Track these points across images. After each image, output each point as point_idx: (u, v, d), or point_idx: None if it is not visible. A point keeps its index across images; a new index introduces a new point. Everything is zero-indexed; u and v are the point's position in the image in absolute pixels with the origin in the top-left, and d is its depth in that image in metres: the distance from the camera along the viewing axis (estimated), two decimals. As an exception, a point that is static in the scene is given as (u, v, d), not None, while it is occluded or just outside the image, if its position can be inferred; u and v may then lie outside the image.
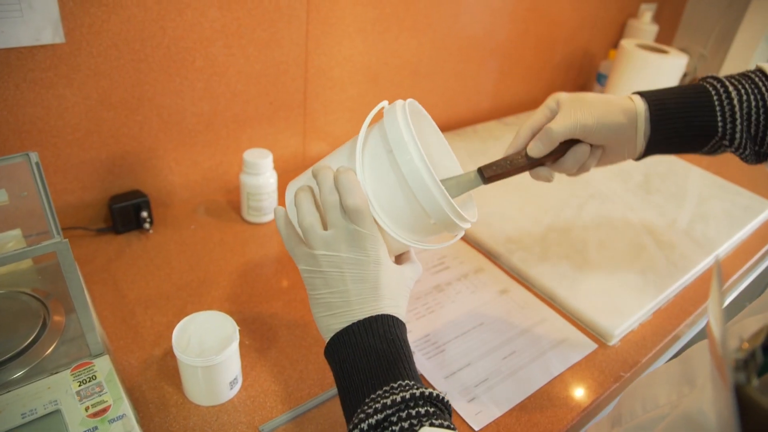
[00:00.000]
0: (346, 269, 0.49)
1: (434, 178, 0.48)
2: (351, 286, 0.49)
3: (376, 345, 0.47)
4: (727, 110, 0.57)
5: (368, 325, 0.48)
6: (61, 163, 0.78)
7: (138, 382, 0.61)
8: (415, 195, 0.49)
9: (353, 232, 0.48)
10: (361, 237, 0.48)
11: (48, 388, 0.53)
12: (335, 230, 0.49)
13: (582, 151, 0.60)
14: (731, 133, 0.58)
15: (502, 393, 0.65)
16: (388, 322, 0.48)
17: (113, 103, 0.77)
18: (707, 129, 0.59)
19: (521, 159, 0.60)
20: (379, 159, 0.50)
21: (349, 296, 0.49)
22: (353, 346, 0.47)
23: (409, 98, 0.55)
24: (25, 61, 0.68)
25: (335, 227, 0.49)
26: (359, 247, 0.49)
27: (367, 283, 0.49)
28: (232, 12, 0.81)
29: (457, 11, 1.11)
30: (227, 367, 0.58)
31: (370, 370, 0.46)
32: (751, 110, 0.57)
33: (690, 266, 0.88)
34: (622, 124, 0.59)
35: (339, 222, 0.49)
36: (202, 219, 0.89)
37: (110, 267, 0.77)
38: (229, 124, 0.90)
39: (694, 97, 0.59)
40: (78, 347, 0.58)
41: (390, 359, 0.46)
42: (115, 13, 0.72)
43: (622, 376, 0.69)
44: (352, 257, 0.49)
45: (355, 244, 0.49)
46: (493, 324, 0.74)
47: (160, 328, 0.68)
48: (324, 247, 0.49)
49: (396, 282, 0.51)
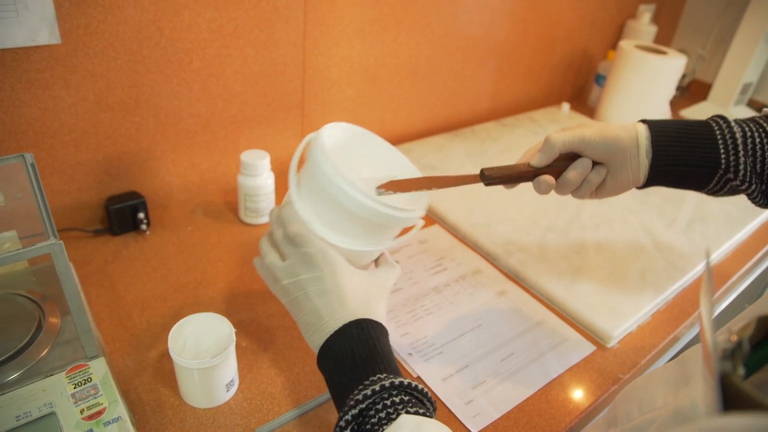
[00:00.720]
0: (309, 288, 0.53)
1: (350, 182, 0.53)
2: (317, 302, 0.53)
3: (352, 348, 0.50)
4: (730, 143, 0.57)
5: (342, 333, 0.51)
6: (57, 164, 0.77)
7: (134, 385, 0.61)
8: (342, 203, 0.54)
9: (304, 254, 0.54)
10: (312, 256, 0.54)
11: (43, 391, 0.53)
12: (290, 259, 0.55)
13: (583, 164, 0.61)
14: (735, 166, 0.57)
15: (500, 395, 0.64)
16: (360, 326, 0.51)
17: (110, 104, 0.77)
18: (710, 160, 0.58)
19: (524, 167, 0.62)
20: (312, 181, 0.56)
21: (319, 311, 0.53)
22: (334, 355, 0.50)
23: (343, 122, 0.62)
24: (20, 62, 0.68)
25: (290, 256, 0.55)
26: (313, 265, 0.54)
27: (330, 295, 0.53)
28: (229, 13, 0.81)
29: (455, 11, 1.11)
30: (224, 370, 0.58)
31: (350, 372, 0.49)
32: (756, 146, 0.57)
33: (689, 267, 0.87)
34: (622, 138, 0.59)
35: (290, 251, 0.55)
36: (199, 220, 0.88)
37: (107, 268, 0.76)
38: (227, 125, 0.90)
39: (697, 128, 0.59)
40: (73, 349, 0.58)
41: (365, 358, 0.49)
42: (112, 13, 0.71)
43: (621, 378, 0.69)
44: (310, 276, 0.54)
45: (309, 264, 0.54)
46: (491, 326, 0.74)
47: (157, 330, 0.68)
48: (286, 276, 0.55)
49: (364, 286, 0.55)
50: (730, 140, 0.57)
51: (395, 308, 0.75)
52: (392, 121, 1.15)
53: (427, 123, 1.23)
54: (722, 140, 0.58)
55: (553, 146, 0.60)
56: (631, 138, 0.59)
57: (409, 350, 0.69)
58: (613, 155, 0.60)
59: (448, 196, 0.99)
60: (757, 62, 1.45)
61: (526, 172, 0.61)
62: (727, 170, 0.58)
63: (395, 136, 1.18)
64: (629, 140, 0.59)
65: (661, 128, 0.60)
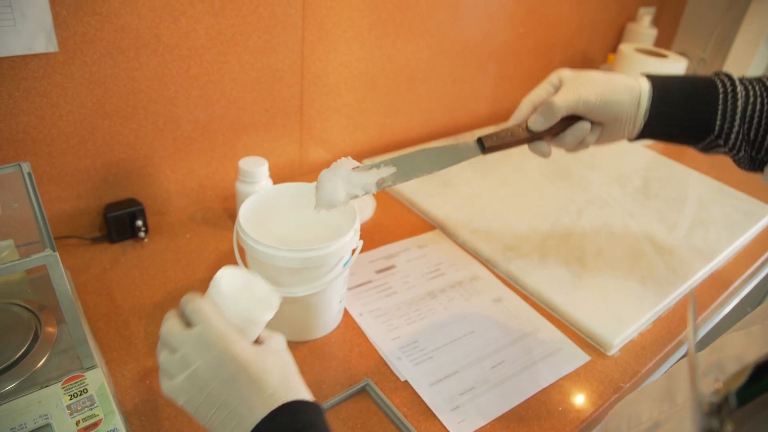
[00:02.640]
0: (209, 378, 0.43)
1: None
2: (225, 393, 0.43)
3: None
4: (729, 110, 0.57)
5: (269, 424, 0.42)
6: (55, 172, 0.77)
7: (131, 395, 0.60)
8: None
9: (196, 336, 0.44)
10: (205, 334, 0.44)
11: (38, 402, 0.53)
12: (183, 347, 0.44)
13: (582, 128, 0.60)
14: (727, 134, 0.57)
15: (487, 402, 0.64)
16: (290, 411, 0.43)
17: (108, 111, 0.77)
18: (705, 125, 0.58)
19: (521, 132, 0.61)
20: None
21: (230, 404, 0.43)
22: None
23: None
24: (18, 70, 0.68)
25: (182, 345, 0.44)
26: (209, 345, 0.43)
27: (239, 380, 0.43)
28: (227, 19, 0.81)
29: (454, 15, 1.11)
30: None
31: None
32: (755, 113, 0.56)
33: (690, 273, 0.87)
34: (624, 102, 0.58)
35: (183, 338, 0.44)
36: (197, 227, 0.88)
37: (105, 276, 0.76)
38: (225, 131, 0.90)
39: (702, 89, 0.58)
40: (70, 359, 0.57)
41: None
42: (109, 21, 0.71)
43: (622, 387, 0.68)
44: (206, 362, 0.43)
45: (204, 345, 0.44)
46: (484, 332, 0.73)
47: (155, 339, 0.67)
48: (180, 369, 0.44)
49: (272, 363, 0.45)
50: (731, 107, 0.56)
51: (388, 311, 0.75)
52: (391, 126, 1.15)
53: (426, 128, 1.22)
54: (722, 107, 0.57)
55: (555, 112, 0.59)
56: (633, 100, 0.59)
57: (398, 354, 0.68)
58: (613, 118, 0.60)
59: (448, 202, 0.98)
60: (758, 65, 1.45)
61: (524, 138, 0.61)
62: (719, 137, 0.58)
63: (394, 142, 1.17)
64: (631, 104, 0.59)
65: (665, 89, 0.59)
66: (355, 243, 0.65)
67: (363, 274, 0.81)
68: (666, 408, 0.46)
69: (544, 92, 0.61)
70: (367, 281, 0.80)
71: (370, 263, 0.84)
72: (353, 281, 0.79)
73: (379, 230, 0.92)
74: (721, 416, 0.30)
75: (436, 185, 1.03)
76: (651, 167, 1.21)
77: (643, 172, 1.18)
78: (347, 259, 0.65)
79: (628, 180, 1.13)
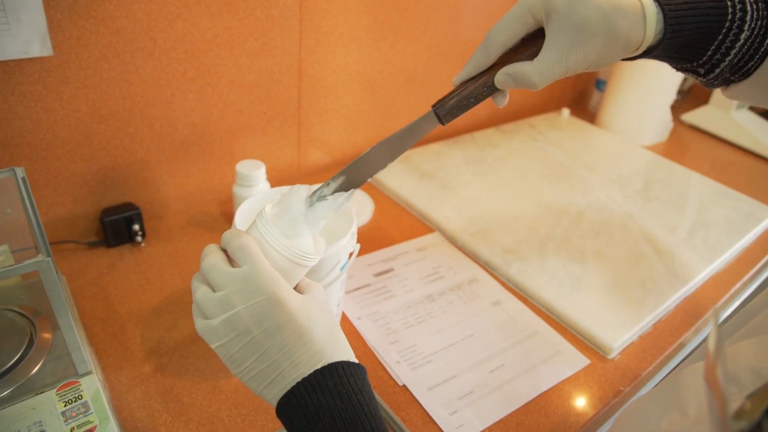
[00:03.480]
0: (252, 324, 0.40)
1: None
2: (267, 343, 0.40)
3: (329, 404, 0.39)
4: (727, 44, 0.47)
5: (312, 383, 0.40)
6: (51, 177, 0.77)
7: (127, 401, 0.60)
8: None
9: (242, 276, 0.41)
10: (251, 276, 0.41)
11: (33, 409, 0.52)
12: (226, 287, 0.41)
13: None
14: (714, 66, 0.48)
15: (486, 406, 0.63)
16: (337, 372, 0.40)
17: (104, 115, 0.76)
18: (694, 54, 0.48)
19: (483, 90, 0.50)
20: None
21: (272, 356, 0.40)
22: (304, 410, 0.40)
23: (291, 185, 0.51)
24: (13, 74, 0.68)
25: (226, 284, 0.41)
26: (255, 289, 0.41)
27: (285, 332, 0.40)
28: (224, 22, 0.80)
29: (453, 17, 1.10)
30: None
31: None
32: (751, 43, 0.47)
33: (691, 276, 0.86)
34: (618, 58, 0.48)
35: (227, 275, 0.41)
36: (195, 231, 0.88)
37: (101, 281, 0.76)
38: (223, 134, 0.89)
39: (713, 15, 0.46)
40: (65, 365, 0.57)
41: (347, 421, 0.39)
42: (104, 24, 0.71)
43: (622, 391, 0.68)
44: (254, 309, 0.40)
45: (250, 288, 0.41)
46: (483, 336, 0.73)
47: (151, 344, 0.67)
48: (219, 310, 0.41)
49: (319, 315, 0.43)
50: (731, 40, 0.46)
51: (386, 315, 0.74)
52: (390, 129, 1.14)
53: (425, 130, 1.22)
54: (722, 36, 0.47)
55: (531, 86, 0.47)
56: (630, 51, 0.47)
57: (397, 358, 0.68)
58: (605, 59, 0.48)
59: (447, 204, 0.98)
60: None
61: (483, 97, 0.50)
62: (700, 65, 0.49)
63: (394, 144, 1.17)
64: (627, 54, 0.48)
65: (677, 31, 0.46)
66: (352, 246, 0.65)
67: (361, 277, 0.81)
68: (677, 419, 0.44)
69: (520, 30, 0.48)
70: (365, 284, 0.79)
71: (369, 266, 0.83)
72: (351, 284, 0.79)
73: (378, 233, 0.91)
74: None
75: (434, 188, 1.03)
76: (651, 169, 1.20)
77: (643, 173, 1.18)
78: (344, 263, 0.65)
79: (628, 182, 1.13)
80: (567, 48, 0.45)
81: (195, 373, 0.64)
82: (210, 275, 0.42)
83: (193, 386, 0.62)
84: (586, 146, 1.26)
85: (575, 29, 0.44)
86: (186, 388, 0.62)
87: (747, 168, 1.33)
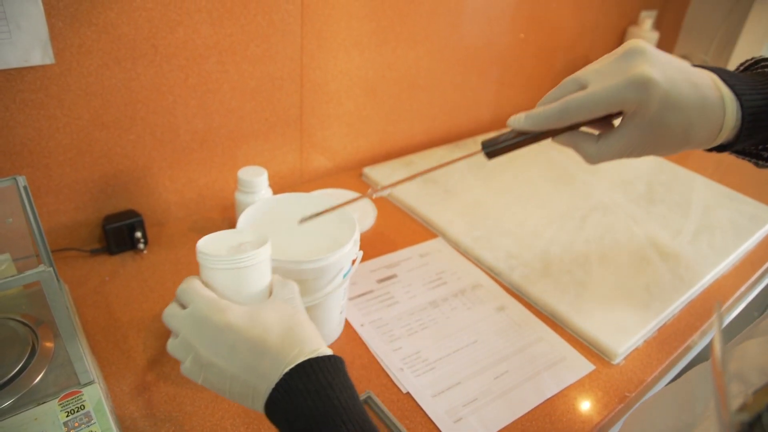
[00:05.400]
0: (212, 355, 0.42)
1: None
2: (232, 367, 0.42)
3: (301, 404, 0.40)
4: None
5: (285, 386, 0.41)
6: (53, 184, 0.77)
7: (129, 410, 0.59)
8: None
9: (190, 316, 0.44)
10: (197, 312, 0.44)
11: (35, 420, 0.52)
12: (181, 331, 0.44)
13: None
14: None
15: (491, 414, 0.63)
16: (305, 371, 0.41)
17: (105, 122, 0.76)
18: None
19: (536, 139, 0.48)
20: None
21: (240, 377, 0.42)
22: (282, 414, 0.41)
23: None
24: (14, 82, 0.68)
25: (180, 328, 0.44)
26: (203, 322, 0.43)
27: (240, 351, 0.42)
28: (225, 28, 0.80)
29: (455, 22, 1.10)
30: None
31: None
32: None
33: (696, 279, 0.86)
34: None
35: (177, 319, 0.45)
36: (197, 237, 0.86)
37: (103, 289, 0.75)
38: (224, 141, 0.89)
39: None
40: (67, 375, 0.57)
41: (320, 419, 0.40)
42: (106, 32, 0.71)
43: (627, 396, 0.67)
44: (205, 341, 0.43)
45: (199, 323, 0.43)
46: (487, 342, 0.72)
47: (153, 352, 0.66)
48: (184, 352, 0.44)
49: (272, 320, 0.44)
50: None
51: (390, 322, 0.74)
52: (393, 134, 1.14)
53: (428, 135, 1.22)
54: None
55: (589, 160, 0.47)
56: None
57: (400, 365, 0.67)
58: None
59: (450, 210, 0.98)
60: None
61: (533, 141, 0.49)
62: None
63: (396, 149, 1.17)
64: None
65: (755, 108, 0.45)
66: (355, 253, 0.65)
67: (364, 283, 0.80)
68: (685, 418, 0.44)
69: (603, 113, 0.45)
70: (368, 291, 0.79)
71: (372, 272, 0.83)
72: (354, 291, 0.79)
73: (381, 239, 0.91)
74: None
75: (437, 192, 1.02)
76: (655, 172, 1.20)
77: (646, 177, 1.17)
78: (347, 270, 0.65)
79: (632, 185, 1.12)
80: (637, 143, 0.44)
81: (198, 382, 0.63)
82: (170, 324, 0.46)
83: (195, 395, 0.62)
84: (588, 149, 1.25)
85: (653, 132, 0.44)
86: (189, 396, 0.61)
87: (750, 170, 1.32)
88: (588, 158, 0.47)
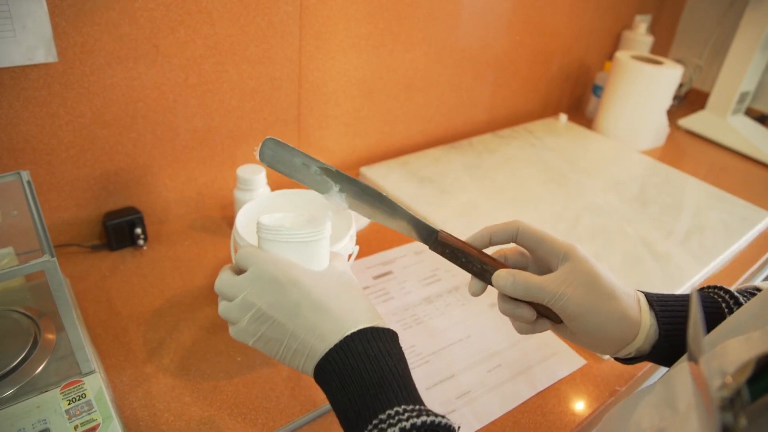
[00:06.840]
0: (275, 313, 0.44)
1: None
2: (293, 326, 0.44)
3: (359, 365, 0.42)
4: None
5: (345, 348, 0.43)
6: (55, 181, 0.78)
7: (129, 400, 0.61)
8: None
9: (252, 277, 0.45)
10: (261, 273, 0.45)
11: (37, 407, 0.53)
12: (242, 292, 0.46)
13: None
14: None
15: (483, 406, 0.64)
16: (366, 337, 0.44)
17: (107, 120, 0.78)
18: None
19: (490, 262, 0.53)
20: None
21: (299, 336, 0.44)
22: (337, 373, 0.43)
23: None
24: (18, 80, 0.69)
25: (238, 291, 0.46)
26: (267, 283, 0.45)
27: (304, 310, 0.44)
28: (225, 29, 0.82)
29: (452, 24, 1.12)
30: None
31: (360, 398, 0.42)
32: None
33: (686, 278, 0.87)
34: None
35: (239, 282, 0.46)
36: (196, 235, 0.89)
37: (104, 284, 0.77)
38: (224, 139, 0.91)
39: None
40: (68, 365, 0.58)
41: (376, 381, 0.42)
42: (108, 32, 0.72)
43: (618, 390, 0.69)
44: (268, 299, 0.45)
45: (262, 284, 0.45)
46: (481, 337, 0.74)
47: (153, 346, 0.68)
48: (242, 312, 0.46)
49: (336, 286, 0.47)
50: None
51: (385, 317, 0.75)
52: (389, 134, 1.16)
53: (424, 135, 1.23)
54: None
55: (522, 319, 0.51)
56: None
57: (404, 356, 0.69)
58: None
59: (445, 209, 0.99)
60: (755, 71, 1.45)
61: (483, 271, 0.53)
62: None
63: (392, 149, 1.18)
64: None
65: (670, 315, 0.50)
66: (351, 248, 0.66)
67: (360, 279, 0.82)
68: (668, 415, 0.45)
69: (505, 238, 0.54)
70: (364, 287, 0.80)
71: (367, 269, 0.84)
72: (350, 287, 0.80)
73: (376, 236, 0.92)
74: (734, 410, 0.29)
75: (433, 192, 1.04)
76: (647, 173, 1.21)
77: (639, 178, 1.19)
78: None
79: (625, 186, 1.14)
80: (575, 319, 0.48)
81: (196, 374, 0.65)
82: (223, 290, 0.47)
83: (194, 386, 0.63)
84: (583, 151, 1.27)
85: (580, 310, 0.48)
86: (187, 388, 0.63)
87: (742, 172, 1.34)
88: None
